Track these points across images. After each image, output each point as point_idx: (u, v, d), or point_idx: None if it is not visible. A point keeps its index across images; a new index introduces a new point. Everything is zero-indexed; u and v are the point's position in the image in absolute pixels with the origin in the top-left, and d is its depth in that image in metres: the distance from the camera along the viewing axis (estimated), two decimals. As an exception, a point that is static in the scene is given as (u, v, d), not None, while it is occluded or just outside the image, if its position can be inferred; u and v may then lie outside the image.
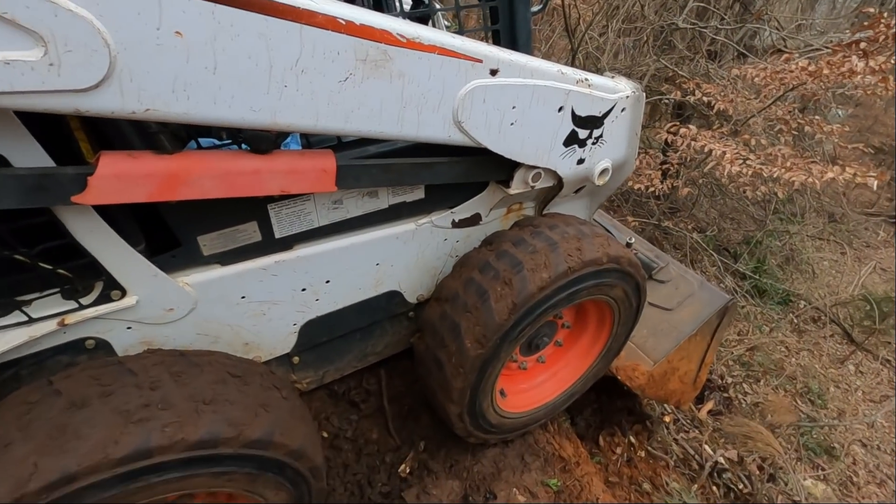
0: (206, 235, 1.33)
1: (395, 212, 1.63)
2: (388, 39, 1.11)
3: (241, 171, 1.15)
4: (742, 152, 4.14)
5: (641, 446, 2.99)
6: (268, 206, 1.37)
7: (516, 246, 1.64)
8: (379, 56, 1.12)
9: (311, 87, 1.07)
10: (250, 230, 1.39)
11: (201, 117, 0.99)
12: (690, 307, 2.50)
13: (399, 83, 1.18)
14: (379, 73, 1.14)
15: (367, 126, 1.20)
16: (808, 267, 7.84)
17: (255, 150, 1.17)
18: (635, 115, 1.74)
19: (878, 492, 4.86)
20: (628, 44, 6.60)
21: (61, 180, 0.97)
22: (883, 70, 3.62)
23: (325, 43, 1.03)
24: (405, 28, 1.14)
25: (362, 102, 1.16)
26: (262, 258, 1.45)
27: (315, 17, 1.00)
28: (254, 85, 1.01)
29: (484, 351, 1.56)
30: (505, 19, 1.54)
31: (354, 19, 1.05)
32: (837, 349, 6.64)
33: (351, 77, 1.11)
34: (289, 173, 1.21)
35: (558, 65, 1.48)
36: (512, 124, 1.44)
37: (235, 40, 0.94)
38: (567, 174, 1.70)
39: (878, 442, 5.52)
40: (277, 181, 1.20)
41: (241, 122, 1.04)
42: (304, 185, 1.26)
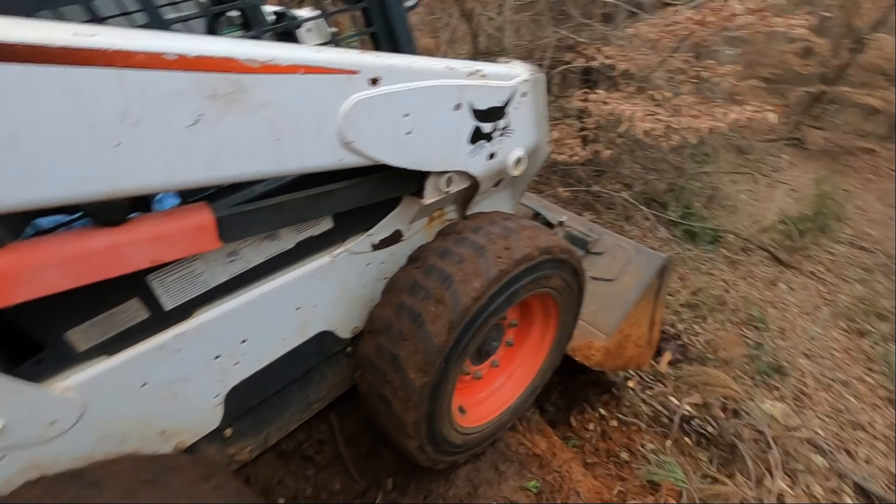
0: (75, 329, 1.12)
1: (304, 249, 1.47)
2: (237, 67, 0.95)
3: (91, 252, 0.95)
4: (651, 108, 4.26)
5: (612, 415, 3.02)
6: (146, 278, 1.17)
7: (443, 258, 1.53)
8: (231, 88, 0.95)
9: (154, 139, 0.89)
10: (132, 309, 1.19)
11: (14, 204, 0.80)
12: (631, 274, 2.50)
13: (265, 114, 1.02)
14: (236, 107, 0.97)
15: (237, 169, 1.03)
16: (729, 202, 8.33)
17: (106, 223, 0.98)
18: (538, 98, 1.67)
19: (827, 396, 5.25)
20: (526, 19, 6.63)
21: None
22: (760, 9, 3.81)
23: (155, 85, 0.86)
24: (256, 51, 0.98)
25: (225, 144, 0.99)
26: (156, 336, 1.25)
27: (133, 58, 0.82)
28: (74, 151, 0.82)
29: (430, 378, 1.44)
30: (379, 20, 1.40)
31: (187, 52, 0.88)
32: (768, 273, 7.11)
33: (202, 118, 0.94)
34: (156, 240, 1.03)
35: (446, 60, 1.37)
36: (408, 133, 1.32)
37: (34, 101, 0.76)
38: (480, 172, 1.60)
39: (819, 350, 5.97)
40: (144, 253, 1.02)
41: (73, 197, 0.85)
42: (180, 249, 1.08)
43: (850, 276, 7.70)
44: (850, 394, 5.36)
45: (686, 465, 2.69)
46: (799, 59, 14.78)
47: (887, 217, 10.69)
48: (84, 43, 0.77)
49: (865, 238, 9.28)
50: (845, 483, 3.46)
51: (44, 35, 0.74)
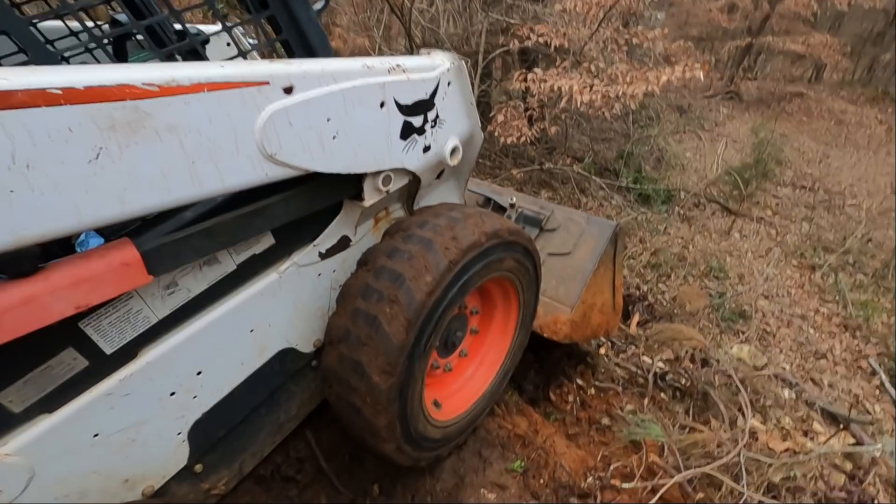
0: (6, 390, 1.05)
1: (248, 269, 1.43)
2: (134, 94, 0.91)
3: (6, 307, 0.89)
4: (587, 80, 4.34)
5: (589, 384, 3.09)
6: (79, 325, 1.12)
7: (391, 258, 1.51)
8: (130, 116, 0.91)
9: (52, 181, 0.84)
10: (68, 359, 1.13)
11: None
12: (586, 245, 2.55)
13: (173, 139, 0.98)
14: (140, 135, 0.93)
15: (154, 200, 0.99)
16: (677, 161, 8.61)
17: (17, 275, 0.92)
18: (464, 85, 1.67)
19: (788, 332, 5.53)
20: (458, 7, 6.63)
21: None
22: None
23: (44, 124, 0.81)
24: (153, 74, 0.93)
25: (134, 175, 0.94)
26: (100, 384, 1.19)
27: (11, 98, 0.77)
28: (-38, 204, 0.77)
29: (395, 379, 1.44)
30: (289, 27, 1.37)
31: (73, 84, 0.83)
32: (721, 224, 7.41)
33: (103, 151, 0.89)
34: (78, 284, 0.98)
35: (363, 59, 1.34)
36: (335, 138, 1.29)
37: None
38: (417, 167, 1.59)
39: (776, 289, 6.28)
40: (66, 299, 0.96)
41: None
42: (107, 289, 1.03)
43: (796, 215, 8.11)
44: (809, 326, 5.67)
45: (664, 420, 2.79)
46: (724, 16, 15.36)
47: (822, 155, 11.29)
48: (-49, 89, 0.72)
49: (806, 177, 9.78)
50: (813, 410, 3.66)
51: None
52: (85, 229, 0.93)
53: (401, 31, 8.02)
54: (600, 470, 2.21)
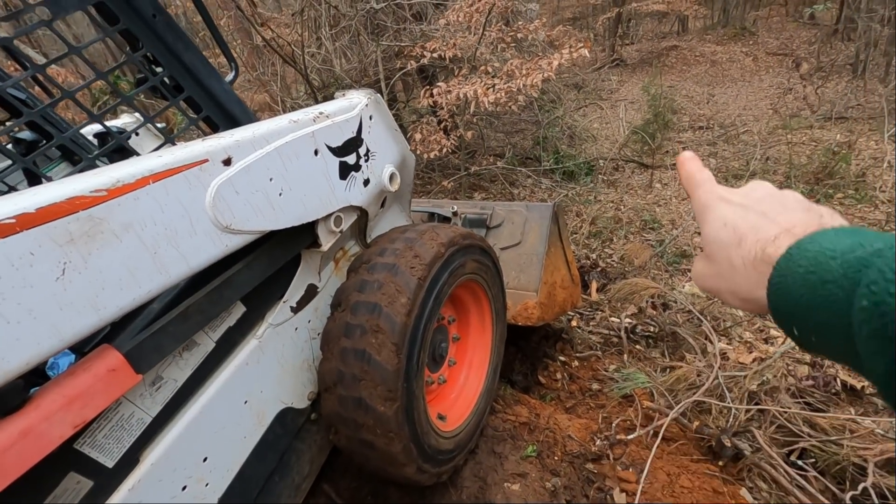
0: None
1: (227, 343, 1.43)
2: (85, 203, 0.93)
3: (4, 446, 0.88)
4: (488, 82, 4.58)
5: (571, 358, 3.24)
6: (74, 446, 1.09)
7: (363, 291, 1.57)
8: (87, 226, 0.93)
9: (24, 307, 0.85)
10: (72, 485, 1.10)
11: None
12: (532, 231, 2.71)
13: (132, 236, 1.00)
14: (99, 240, 0.95)
15: (126, 298, 1.00)
16: (587, 133, 9.16)
17: (7, 412, 0.90)
18: (384, 115, 1.77)
19: (727, 259, 5.99)
20: (347, 43, 6.77)
21: None
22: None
23: (5, 254, 0.82)
24: (98, 179, 0.96)
25: (103, 280, 0.96)
26: (111, 499, 1.16)
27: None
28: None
29: (399, 402, 1.49)
30: (207, 104, 1.41)
31: (25, 209, 0.85)
32: (642, 179, 7.95)
33: (69, 265, 0.90)
34: (70, 404, 0.97)
35: (287, 115, 1.41)
36: (281, 194, 1.34)
37: None
38: (362, 201, 1.67)
39: (705, 225, 6.80)
40: (62, 423, 0.95)
41: (-43, 402, 0.79)
42: (99, 401, 1.02)
43: (703, 153, 8.83)
44: (742, 249, 6.17)
45: (646, 369, 2.98)
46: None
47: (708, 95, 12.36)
48: None
49: (700, 119, 10.66)
50: (766, 320, 4.02)
51: None
52: (67, 346, 0.92)
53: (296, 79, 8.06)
54: (604, 431, 2.34)
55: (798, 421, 2.21)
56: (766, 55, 14.23)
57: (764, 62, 13.87)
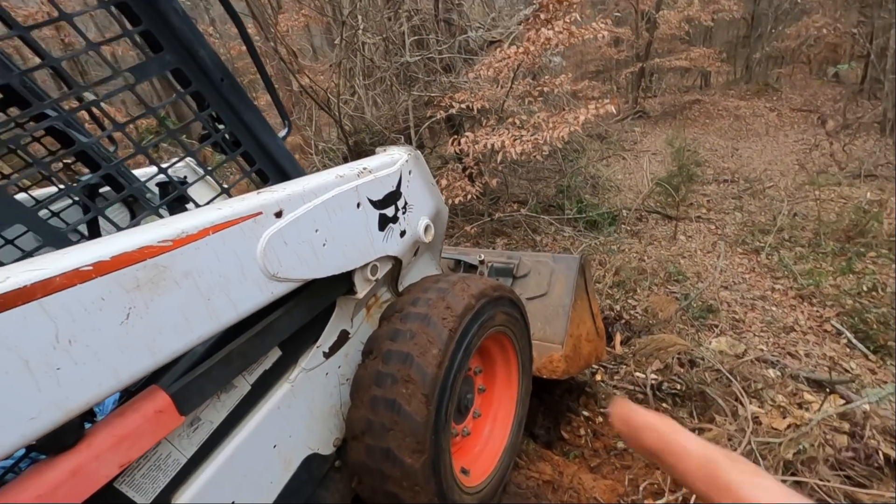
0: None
1: (262, 386, 1.47)
2: (152, 252, 1.00)
3: (55, 485, 0.91)
4: (515, 133, 4.73)
5: (595, 413, 3.16)
6: (113, 485, 1.12)
7: (395, 340, 1.60)
8: (152, 273, 0.99)
9: (91, 350, 0.90)
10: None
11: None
12: (558, 282, 2.73)
13: (190, 283, 1.06)
14: (161, 287, 1.01)
15: (181, 343, 1.05)
16: (610, 184, 9.24)
17: (61, 449, 0.94)
18: (422, 170, 1.85)
19: (755, 315, 5.86)
20: (379, 92, 7.11)
21: None
22: (565, 29, 4.47)
23: (80, 300, 0.88)
24: (165, 230, 1.03)
25: (161, 325, 1.01)
26: (142, 539, 1.17)
27: (51, 284, 0.84)
28: (16, 394, 0.81)
29: (426, 455, 1.48)
30: (262, 158, 1.51)
31: (102, 257, 0.92)
32: (665, 231, 7.92)
33: (133, 311, 0.96)
34: (119, 444, 1.00)
35: (334, 170, 1.49)
36: (324, 244, 1.41)
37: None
38: (398, 251, 1.72)
39: (732, 278, 6.69)
40: (110, 462, 0.99)
41: (24, 440, 0.83)
42: (145, 441, 1.05)
43: (728, 207, 8.80)
44: (770, 305, 6.03)
45: (674, 429, 2.88)
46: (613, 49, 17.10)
47: (732, 149, 12.43)
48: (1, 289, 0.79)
49: (725, 172, 10.69)
50: (799, 382, 3.87)
51: (-43, 299, 0.75)
52: (123, 388, 0.97)
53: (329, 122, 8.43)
54: (631, 494, 2.26)
55: (838, 495, 2.10)
56: (791, 111, 14.33)
57: (789, 118, 13.96)
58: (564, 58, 17.39)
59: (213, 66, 1.34)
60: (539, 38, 4.53)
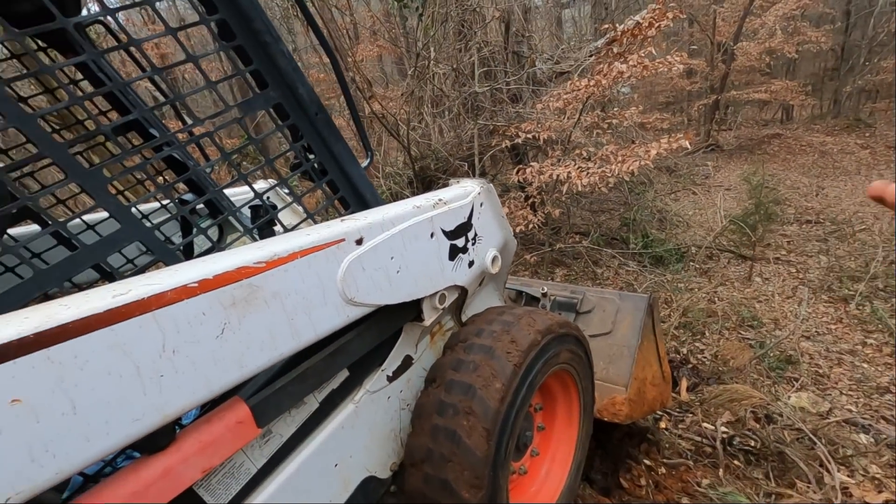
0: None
1: (328, 405, 1.52)
2: (248, 272, 1.08)
3: (148, 483, 0.99)
4: (582, 165, 4.68)
5: (657, 463, 2.97)
6: (194, 488, 1.19)
7: (458, 370, 1.61)
8: (246, 292, 1.07)
9: (190, 360, 0.98)
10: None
11: (79, 465, 0.85)
12: (624, 321, 2.63)
13: (277, 303, 1.13)
14: (253, 306, 1.09)
15: (265, 359, 1.12)
16: (679, 219, 8.86)
17: (155, 450, 1.02)
18: (493, 202, 1.88)
19: (841, 371, 5.32)
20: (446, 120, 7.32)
21: None
22: (639, 63, 4.42)
23: (185, 314, 0.97)
24: (260, 252, 1.12)
25: (249, 341, 1.09)
26: (212, 543, 1.23)
27: (164, 298, 0.93)
28: (126, 396, 0.89)
29: (484, 491, 1.46)
30: (345, 185, 1.60)
31: (206, 275, 1.01)
32: (739, 271, 7.44)
33: (227, 326, 1.04)
34: (204, 450, 1.07)
35: (411, 200, 1.55)
36: (398, 272, 1.45)
37: (86, 368, 0.84)
38: (465, 281, 1.74)
39: (815, 328, 6.14)
40: (195, 466, 1.06)
41: (127, 440, 0.91)
42: (226, 449, 1.12)
43: (811, 250, 8.14)
44: (861, 361, 5.46)
45: (747, 490, 2.65)
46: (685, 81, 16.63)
47: (817, 187, 11.57)
48: (124, 300, 0.88)
49: (808, 212, 9.95)
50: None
51: (91, 306, 0.85)
52: (214, 397, 1.04)
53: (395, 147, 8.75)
54: (698, 558, 2.09)
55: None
56: (886, 148, 13.19)
57: (883, 156, 12.85)
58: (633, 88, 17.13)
59: (310, 102, 1.45)
60: (611, 71, 4.51)
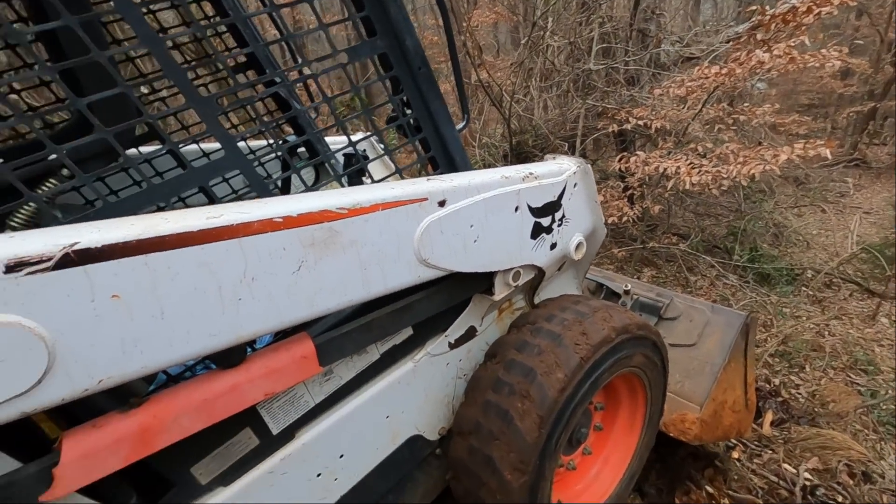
0: (199, 464, 1.22)
1: (389, 358, 1.55)
2: (330, 216, 1.10)
3: (217, 394, 1.07)
4: (694, 161, 4.26)
5: (721, 493, 2.74)
6: (256, 407, 1.28)
7: (521, 351, 1.56)
8: (326, 235, 1.09)
9: (266, 290, 1.03)
10: (245, 438, 1.29)
11: (161, 364, 0.93)
12: (712, 336, 2.40)
13: (353, 251, 1.15)
14: (330, 249, 1.11)
15: (334, 302, 1.15)
16: (798, 237, 7.87)
17: (227, 366, 1.10)
18: (588, 186, 1.76)
19: (973, 443, 4.51)
20: (552, 97, 7.01)
21: (24, 483, 0.88)
22: (786, 53, 3.86)
23: (268, 245, 1.01)
24: (344, 199, 1.13)
25: (322, 283, 1.12)
26: (266, 461, 1.33)
27: (251, 227, 0.98)
28: (207, 312, 0.96)
29: (527, 477, 1.42)
30: (437, 145, 1.57)
31: (291, 212, 1.04)
32: (862, 307, 6.49)
33: (304, 264, 1.07)
34: (268, 375, 1.14)
35: (500, 170, 1.49)
36: (475, 241, 1.42)
37: (177, 279, 0.91)
38: (544, 262, 1.67)
39: (946, 388, 5.23)
40: (259, 388, 1.13)
41: (204, 351, 0.98)
42: (288, 379, 1.18)
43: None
44: None
45: (822, 548, 2.36)
46: (838, 82, 14.45)
47: None
48: (215, 223, 0.94)
49: (968, 253, 8.36)
50: None
51: (187, 223, 0.91)
52: (283, 328, 1.10)
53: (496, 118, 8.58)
54: None
55: None
56: None
57: None
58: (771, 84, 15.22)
59: (415, 55, 1.43)
60: (749, 60, 3.99)
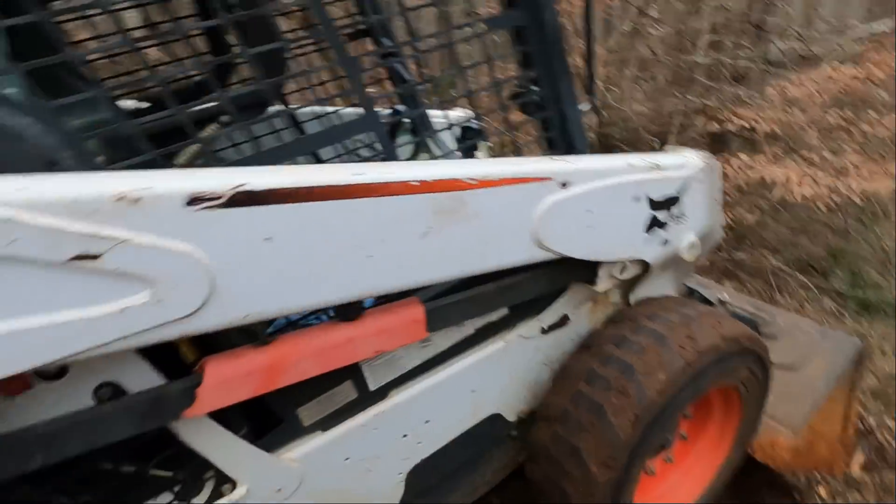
0: (305, 406, 1.29)
1: (482, 334, 1.56)
2: (461, 185, 1.10)
3: (334, 344, 1.12)
4: (808, 171, 3.89)
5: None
6: (360, 364, 1.33)
7: (619, 347, 1.51)
8: (454, 204, 1.10)
9: (395, 250, 1.05)
10: (346, 389, 1.35)
11: (296, 307, 0.99)
12: (818, 361, 2.21)
13: (477, 222, 1.15)
14: (455, 218, 1.12)
15: (452, 270, 1.17)
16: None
17: (345, 319, 1.15)
18: (713, 184, 1.65)
19: None
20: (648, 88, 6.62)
21: (171, 398, 0.97)
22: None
23: (402, 207, 1.03)
24: (474, 170, 1.13)
25: (444, 250, 1.13)
26: (360, 414, 1.38)
27: (390, 187, 1.00)
28: (342, 265, 1.00)
29: (614, 474, 1.39)
30: (558, 125, 1.53)
31: (427, 177, 1.05)
32: (985, 355, 5.72)
33: (431, 230, 1.09)
34: (381, 333, 1.18)
35: (625, 157, 1.43)
36: (589, 227, 1.37)
37: (322, 230, 0.95)
38: (653, 259, 1.59)
39: None
40: (371, 344, 1.17)
41: (333, 301, 1.03)
42: (397, 340, 1.22)
43: None
44: None
45: None
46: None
47: None
48: (359, 180, 0.97)
49: None
50: None
51: (334, 177, 0.94)
52: (403, 289, 1.13)
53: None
54: None
55: None
56: None
57: None
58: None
59: (551, 30, 1.38)
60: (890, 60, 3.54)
